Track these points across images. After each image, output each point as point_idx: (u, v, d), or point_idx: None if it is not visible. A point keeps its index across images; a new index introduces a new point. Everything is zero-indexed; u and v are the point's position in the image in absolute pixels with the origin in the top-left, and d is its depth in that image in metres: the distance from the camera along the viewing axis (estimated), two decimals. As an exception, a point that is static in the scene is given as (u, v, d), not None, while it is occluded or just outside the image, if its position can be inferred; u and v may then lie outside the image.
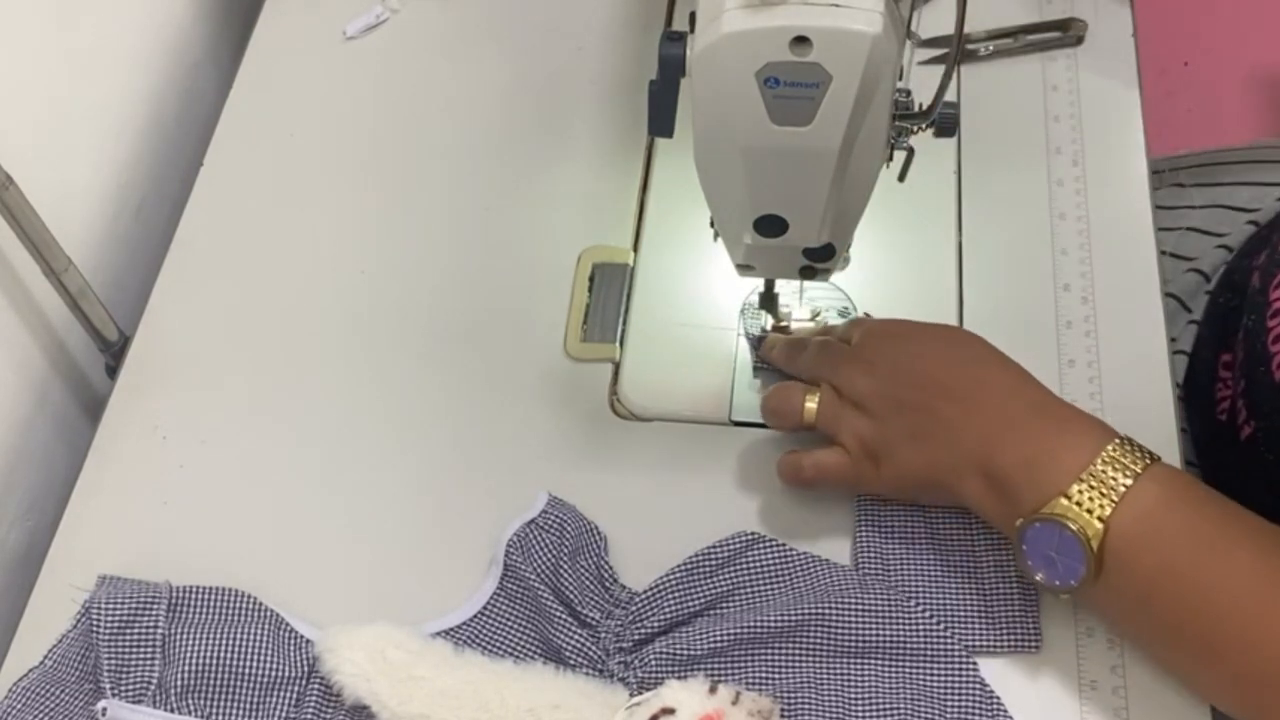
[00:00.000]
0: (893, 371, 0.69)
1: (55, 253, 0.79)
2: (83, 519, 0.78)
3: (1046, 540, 0.63)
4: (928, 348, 0.70)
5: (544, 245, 0.86)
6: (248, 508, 0.77)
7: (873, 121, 0.60)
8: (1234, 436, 0.77)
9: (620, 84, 0.93)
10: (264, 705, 0.69)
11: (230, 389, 0.82)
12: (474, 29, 0.97)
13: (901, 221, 0.83)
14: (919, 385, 0.68)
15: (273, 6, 0.99)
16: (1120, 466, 0.63)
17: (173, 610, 0.71)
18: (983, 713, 0.67)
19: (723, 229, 0.69)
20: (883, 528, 0.73)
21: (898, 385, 0.69)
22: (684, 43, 0.60)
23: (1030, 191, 0.85)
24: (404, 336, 0.83)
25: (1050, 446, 0.65)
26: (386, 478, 0.78)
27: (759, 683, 0.68)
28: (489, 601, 0.72)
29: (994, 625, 0.69)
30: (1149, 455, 0.64)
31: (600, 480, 0.76)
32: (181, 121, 0.99)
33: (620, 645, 0.69)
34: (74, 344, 0.88)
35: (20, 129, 0.80)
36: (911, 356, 0.70)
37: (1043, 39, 0.91)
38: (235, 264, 0.87)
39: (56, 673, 0.71)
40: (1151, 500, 0.62)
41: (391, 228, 0.88)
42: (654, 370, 0.81)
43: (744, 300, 0.82)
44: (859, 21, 0.55)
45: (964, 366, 0.69)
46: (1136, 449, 0.64)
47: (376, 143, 0.92)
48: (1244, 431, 0.76)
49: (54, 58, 0.85)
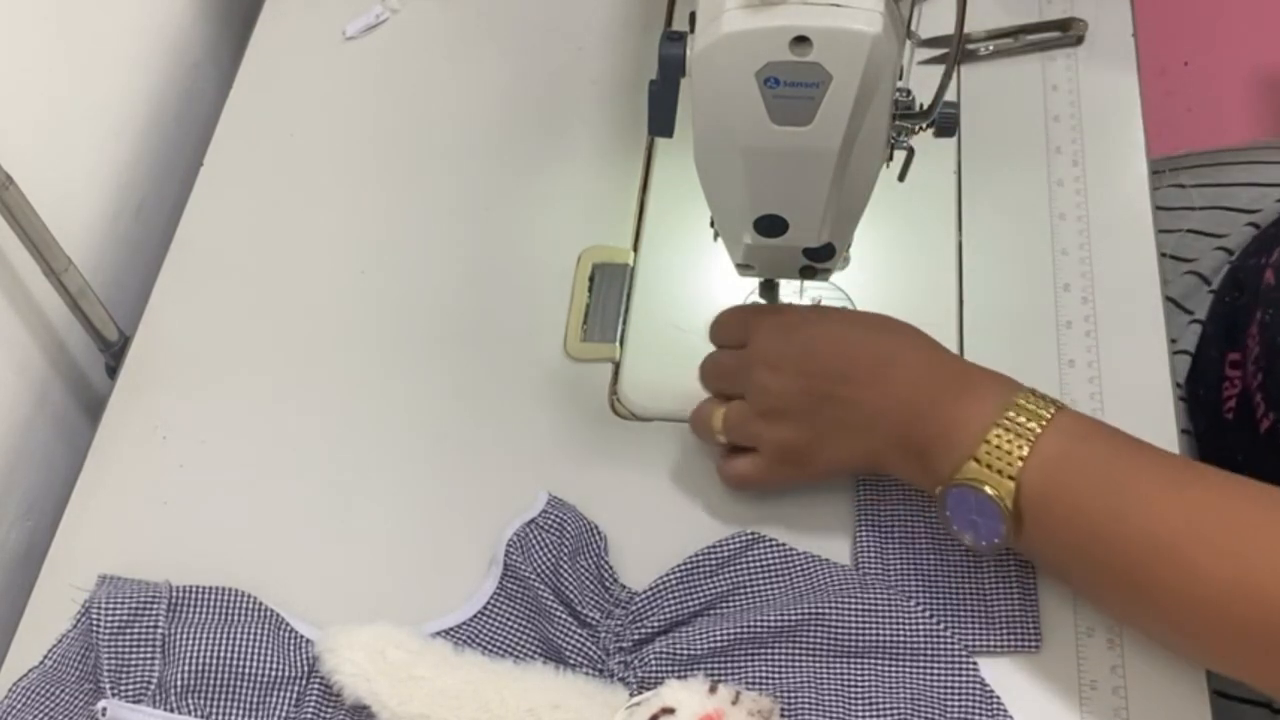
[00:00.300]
0: (797, 369, 0.69)
1: (55, 253, 0.79)
2: (83, 519, 0.78)
3: (965, 504, 0.65)
4: (827, 333, 0.70)
5: (544, 245, 0.86)
6: (248, 508, 0.77)
7: (873, 121, 0.60)
8: (1250, 431, 0.77)
9: (620, 84, 0.93)
10: (264, 705, 0.69)
11: (230, 389, 0.82)
12: (474, 29, 0.97)
13: (901, 221, 0.83)
14: (826, 375, 0.69)
15: (273, 6, 0.99)
16: (1023, 422, 0.63)
17: (173, 610, 0.71)
18: (983, 713, 0.67)
19: (723, 229, 0.69)
20: (883, 528, 0.73)
21: (806, 380, 0.69)
22: (684, 43, 0.60)
23: (1030, 191, 0.85)
24: (404, 336, 0.83)
25: (958, 414, 0.65)
26: (386, 477, 0.78)
27: (759, 683, 0.68)
28: (489, 601, 0.72)
29: (994, 625, 0.69)
30: (1054, 405, 0.64)
31: (600, 480, 0.76)
32: (181, 121, 0.99)
33: (620, 645, 0.69)
34: (74, 344, 0.88)
35: (20, 129, 0.80)
36: (813, 348, 0.69)
37: (1043, 39, 0.91)
38: (235, 264, 0.87)
39: (56, 673, 0.71)
40: (1054, 450, 0.63)
41: (391, 228, 0.88)
42: (654, 370, 0.81)
43: (744, 300, 0.82)
44: (859, 21, 0.55)
45: (866, 346, 0.69)
46: (1040, 400, 0.64)
47: (376, 143, 0.92)
48: (1264, 424, 0.77)
49: (54, 58, 0.85)
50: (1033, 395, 0.65)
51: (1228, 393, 0.81)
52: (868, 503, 0.74)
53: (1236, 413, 0.80)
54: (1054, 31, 0.91)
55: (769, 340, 0.70)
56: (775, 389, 0.70)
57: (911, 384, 0.67)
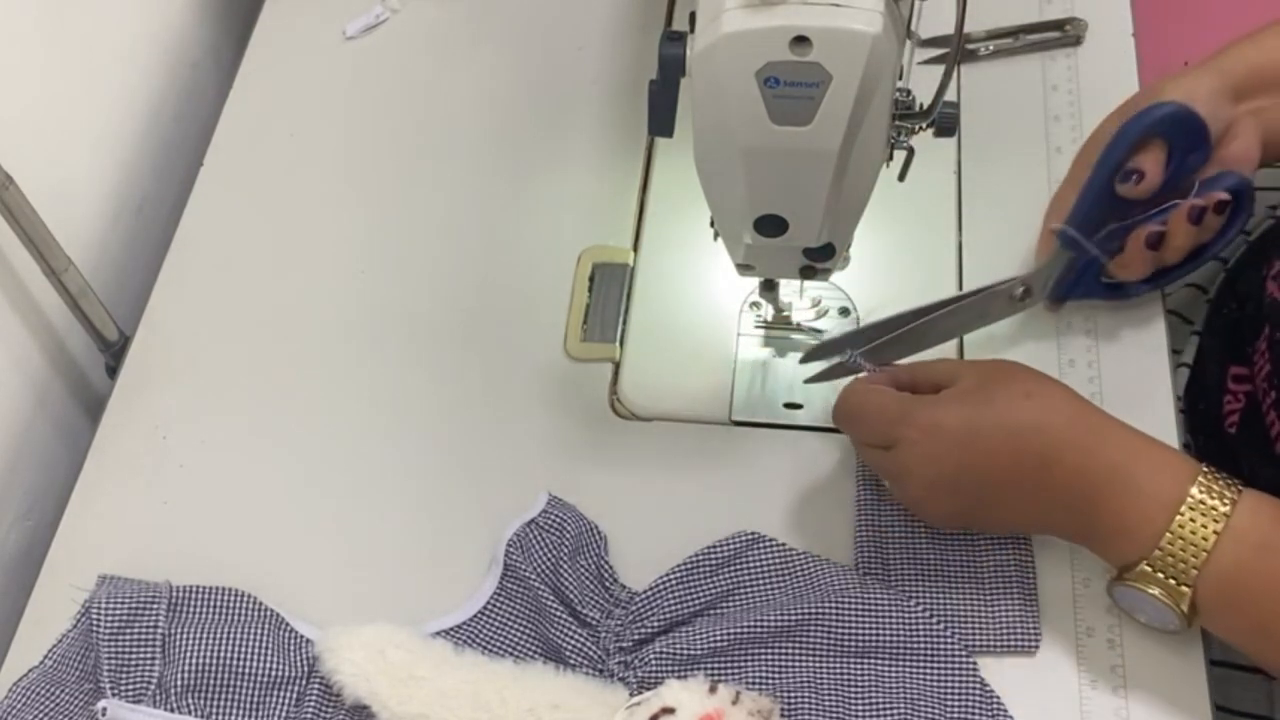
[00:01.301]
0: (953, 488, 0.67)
1: (55, 253, 0.79)
2: (83, 519, 0.78)
3: (1135, 598, 0.65)
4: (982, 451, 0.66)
5: (544, 245, 0.86)
6: (248, 507, 0.77)
7: (873, 121, 0.60)
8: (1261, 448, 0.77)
9: (620, 84, 0.93)
10: (264, 705, 0.69)
11: (230, 389, 0.82)
12: (474, 29, 0.97)
13: (901, 221, 0.83)
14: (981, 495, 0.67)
15: (273, 6, 0.99)
16: (1195, 532, 0.62)
17: (173, 610, 0.71)
18: (983, 713, 0.67)
19: (723, 229, 0.69)
20: (883, 528, 0.73)
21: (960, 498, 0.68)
22: (684, 43, 0.60)
23: (1030, 191, 0.85)
24: (404, 336, 0.83)
25: (1123, 520, 0.64)
26: (386, 478, 0.78)
27: (759, 683, 0.68)
28: (489, 601, 0.72)
29: (994, 625, 0.69)
30: (1228, 496, 0.63)
31: (600, 480, 0.76)
32: (181, 121, 0.99)
33: (620, 645, 0.69)
34: (74, 344, 0.88)
35: (20, 129, 0.80)
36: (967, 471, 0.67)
37: (1043, 38, 0.91)
38: (235, 264, 0.87)
39: (56, 672, 0.71)
40: (1230, 560, 0.62)
41: (391, 228, 0.88)
42: (654, 370, 0.81)
43: (745, 299, 0.82)
44: (859, 21, 0.55)
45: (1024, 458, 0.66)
46: (1213, 489, 0.63)
47: (376, 143, 0.92)
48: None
49: (54, 58, 0.85)
50: (1205, 482, 0.63)
51: (1230, 406, 0.81)
52: (868, 503, 0.73)
53: (1241, 428, 0.79)
54: (1054, 31, 0.91)
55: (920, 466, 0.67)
56: (930, 508, 0.70)
57: (1071, 489, 0.65)
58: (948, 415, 0.66)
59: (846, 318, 0.81)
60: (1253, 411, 0.78)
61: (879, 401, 0.69)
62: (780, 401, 0.79)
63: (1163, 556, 0.63)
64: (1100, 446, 0.65)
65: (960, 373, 0.69)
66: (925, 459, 0.67)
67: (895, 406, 0.68)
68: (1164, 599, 0.63)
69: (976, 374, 0.68)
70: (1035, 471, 0.65)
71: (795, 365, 0.80)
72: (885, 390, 0.70)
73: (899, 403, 0.68)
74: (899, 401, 0.68)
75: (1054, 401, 0.67)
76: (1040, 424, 0.66)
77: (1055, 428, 0.65)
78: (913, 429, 0.67)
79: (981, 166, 0.87)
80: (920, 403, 0.68)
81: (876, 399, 0.69)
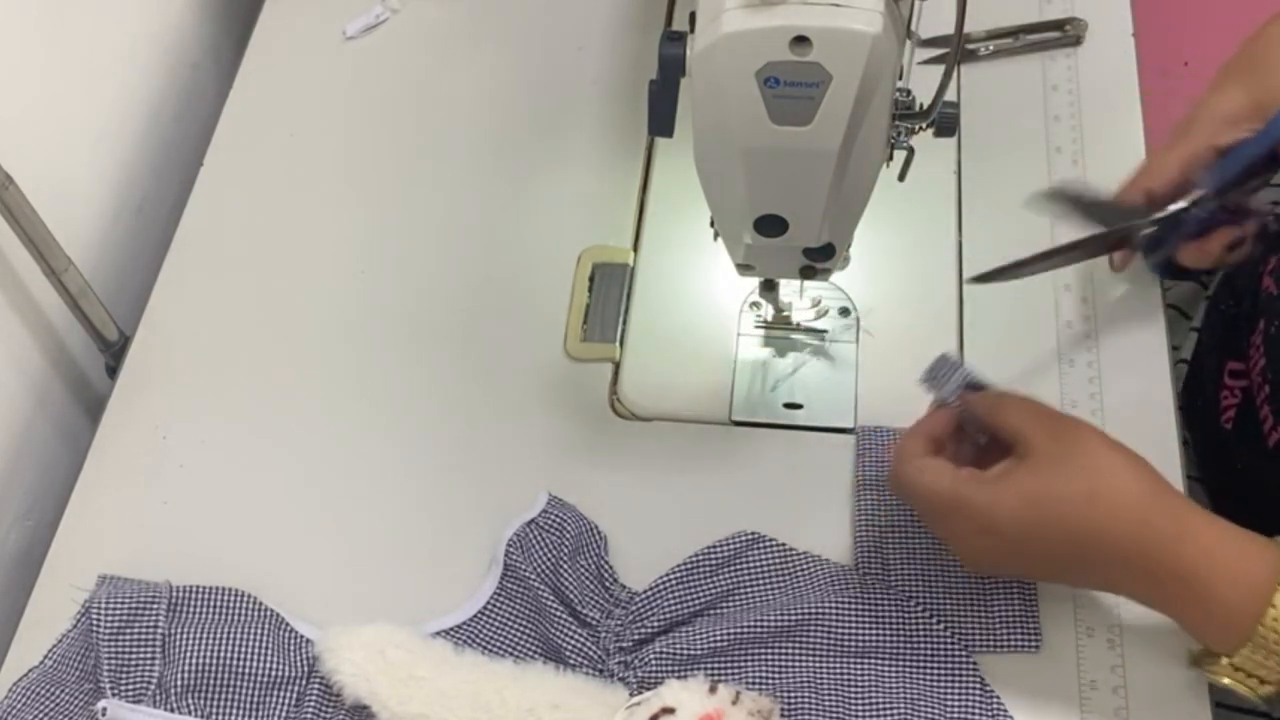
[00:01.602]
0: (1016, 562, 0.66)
1: (55, 253, 0.79)
2: (83, 519, 0.78)
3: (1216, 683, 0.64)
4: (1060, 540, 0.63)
5: (544, 245, 0.86)
6: (248, 508, 0.77)
7: (873, 121, 0.60)
8: (1254, 443, 0.77)
9: (620, 84, 0.93)
10: (264, 705, 0.69)
11: (230, 389, 0.82)
12: (474, 29, 0.97)
13: (901, 221, 0.83)
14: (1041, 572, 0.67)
15: (273, 6, 0.99)
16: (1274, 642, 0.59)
17: (173, 610, 0.71)
18: (983, 713, 0.67)
19: (723, 229, 0.69)
20: (883, 528, 0.73)
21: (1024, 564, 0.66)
22: (684, 43, 0.60)
23: (1030, 191, 0.84)
24: (404, 336, 0.83)
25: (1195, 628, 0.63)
26: (387, 478, 0.78)
27: (759, 683, 0.68)
28: (489, 601, 0.72)
29: (994, 625, 0.69)
30: None
31: (600, 480, 0.76)
32: (181, 121, 0.99)
33: (620, 645, 0.69)
34: (74, 344, 0.88)
35: (20, 129, 0.80)
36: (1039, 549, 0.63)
37: (1042, 39, 0.91)
38: (235, 264, 0.87)
39: (56, 672, 0.71)
40: None
41: (391, 228, 0.88)
42: (654, 370, 0.81)
43: (745, 299, 0.82)
44: (859, 21, 0.55)
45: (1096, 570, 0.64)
46: None
47: (376, 143, 0.92)
48: (1272, 438, 0.76)
49: (54, 58, 0.85)
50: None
51: (1227, 402, 0.81)
52: (868, 503, 0.73)
53: (1237, 423, 0.80)
54: (1054, 31, 0.91)
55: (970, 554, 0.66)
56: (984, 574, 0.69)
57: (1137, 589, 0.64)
58: (1003, 515, 0.63)
59: (846, 318, 0.81)
60: (1248, 407, 0.79)
61: (932, 486, 0.65)
62: (780, 401, 0.79)
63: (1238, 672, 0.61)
64: (1167, 556, 0.61)
65: (1029, 440, 0.64)
66: (976, 551, 0.65)
67: (948, 494, 0.64)
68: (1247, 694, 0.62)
69: (1043, 450, 0.63)
70: (1102, 569, 0.63)
71: (795, 365, 0.80)
72: (940, 471, 0.65)
73: (952, 487, 0.64)
74: (952, 486, 0.64)
75: (1120, 502, 0.62)
76: (1103, 534, 0.62)
77: (1120, 539, 0.61)
78: (964, 525, 0.64)
79: (981, 166, 0.87)
80: (975, 494, 0.63)
81: (929, 482, 0.65)
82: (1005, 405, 0.66)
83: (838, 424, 0.78)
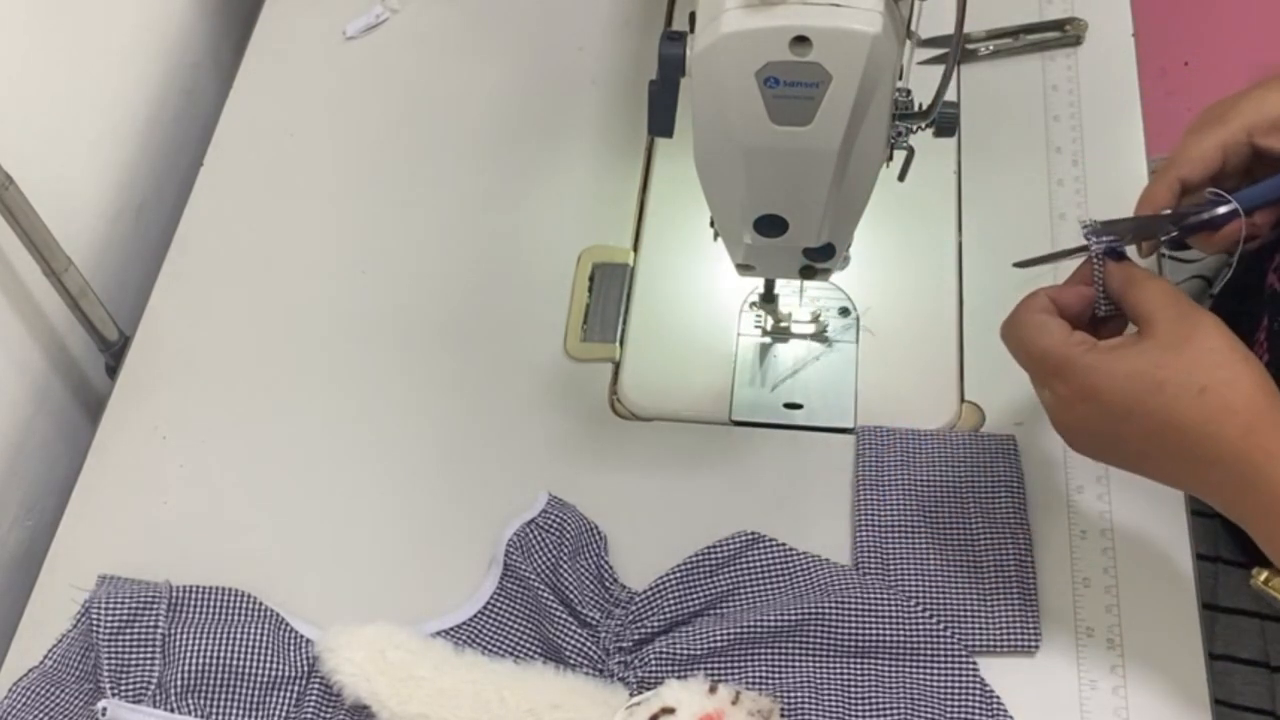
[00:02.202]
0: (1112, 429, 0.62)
1: (55, 253, 0.79)
2: (83, 519, 0.78)
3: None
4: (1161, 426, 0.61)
5: (544, 245, 0.86)
6: (248, 508, 0.77)
7: (873, 121, 0.60)
8: None
9: (620, 84, 0.93)
10: (264, 705, 0.69)
11: (230, 389, 0.82)
12: (474, 29, 0.97)
13: (901, 221, 0.83)
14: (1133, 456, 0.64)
15: (273, 6, 0.99)
16: None
17: (173, 610, 0.71)
18: (983, 713, 0.67)
19: (723, 229, 0.69)
20: (883, 528, 0.73)
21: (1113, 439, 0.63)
22: (684, 43, 0.60)
23: (1030, 191, 0.85)
24: (404, 336, 0.83)
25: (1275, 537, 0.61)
26: (386, 477, 0.78)
27: (759, 682, 0.68)
28: (489, 601, 0.72)
29: (994, 625, 0.69)
30: None
31: (600, 480, 0.76)
32: (181, 121, 0.99)
33: (620, 645, 0.69)
34: (74, 344, 0.88)
35: (20, 129, 0.80)
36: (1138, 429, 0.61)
37: (1043, 39, 0.91)
38: (235, 264, 0.87)
39: (56, 673, 0.71)
40: None
41: (391, 228, 0.88)
42: (654, 370, 0.81)
43: (745, 299, 0.82)
44: (859, 21, 0.55)
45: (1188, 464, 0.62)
46: None
47: (376, 143, 0.92)
48: None
49: (54, 58, 0.85)
50: None
51: None
52: (868, 503, 0.74)
53: None
54: (1054, 31, 0.91)
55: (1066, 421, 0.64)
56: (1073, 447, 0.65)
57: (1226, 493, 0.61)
58: (1108, 384, 0.61)
59: (846, 317, 0.81)
60: None
61: (1041, 344, 0.63)
62: (780, 401, 0.79)
63: None
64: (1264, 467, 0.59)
65: (1153, 319, 0.62)
66: (1073, 419, 0.63)
67: (1057, 354, 0.62)
68: None
69: (1165, 332, 0.61)
70: (1191, 465, 0.61)
71: (795, 365, 0.80)
72: (1055, 328, 0.63)
73: (1063, 346, 0.62)
74: (1062, 348, 0.62)
75: (1230, 403, 0.59)
76: (1205, 430, 0.60)
77: (1220, 439, 0.59)
78: (1066, 387, 0.62)
79: (981, 166, 0.87)
80: (1083, 356, 0.62)
81: (1040, 340, 0.63)
82: (1141, 279, 0.64)
83: (838, 424, 0.78)
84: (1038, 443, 0.76)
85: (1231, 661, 0.76)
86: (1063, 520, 0.73)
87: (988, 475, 0.74)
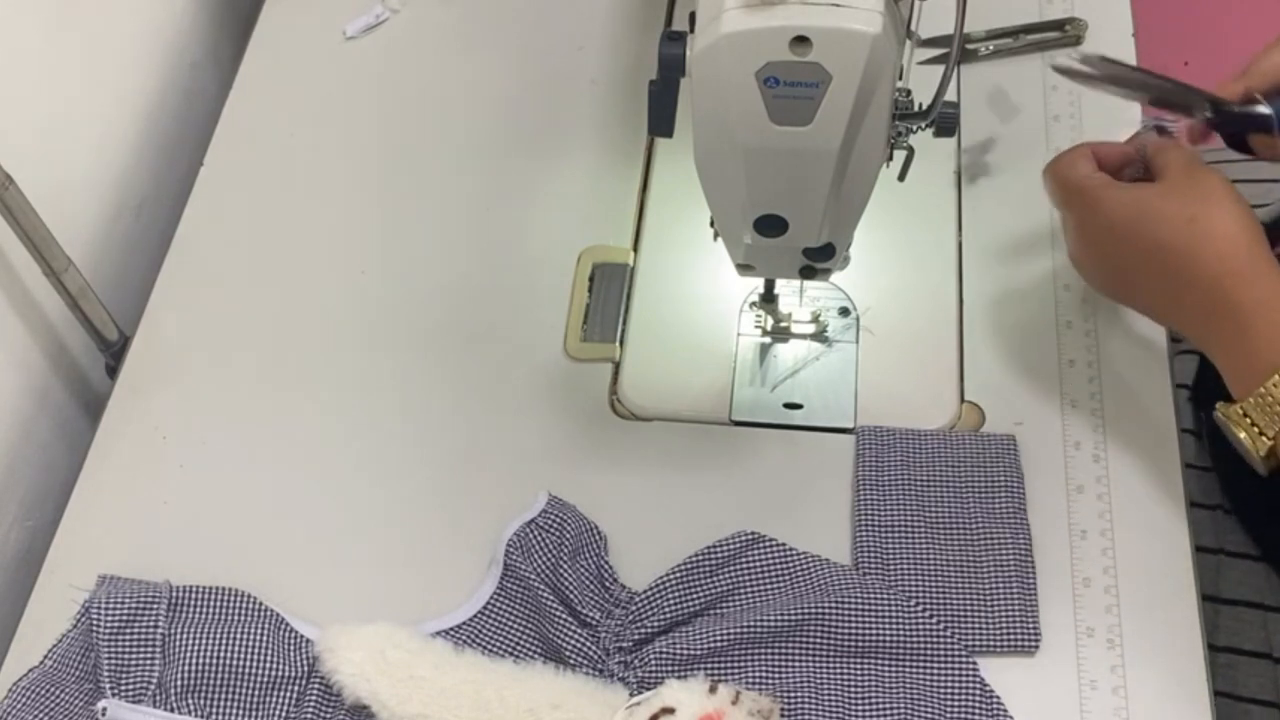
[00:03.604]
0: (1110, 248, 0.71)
1: (55, 253, 0.79)
2: (83, 519, 0.78)
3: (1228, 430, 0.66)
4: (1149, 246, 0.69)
5: (544, 245, 0.86)
6: (248, 508, 0.77)
7: (873, 121, 0.60)
8: None
9: (620, 84, 0.93)
10: (264, 705, 0.69)
11: (230, 389, 0.82)
12: (474, 29, 0.97)
13: (901, 221, 0.83)
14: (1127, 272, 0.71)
15: (273, 6, 0.99)
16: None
17: (173, 610, 0.71)
18: (983, 713, 0.67)
19: (723, 229, 0.69)
20: (883, 527, 0.73)
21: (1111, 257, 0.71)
22: (684, 43, 0.60)
23: (1030, 191, 0.84)
24: (404, 337, 0.83)
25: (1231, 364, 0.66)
26: (386, 478, 0.78)
27: (759, 683, 0.68)
28: (489, 601, 0.72)
29: (994, 625, 0.69)
30: None
31: (600, 480, 0.76)
32: (181, 121, 0.99)
33: (620, 645, 0.69)
34: (74, 344, 0.88)
35: (20, 129, 0.80)
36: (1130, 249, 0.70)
37: (1043, 39, 0.91)
38: (235, 264, 0.87)
39: (56, 673, 0.71)
40: None
41: (391, 228, 0.88)
42: (654, 370, 0.81)
43: (745, 299, 0.82)
44: (859, 21, 0.55)
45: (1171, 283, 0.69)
46: None
47: (376, 143, 0.92)
48: None
49: (54, 58, 0.85)
50: None
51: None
52: (868, 503, 0.74)
53: None
54: (1054, 31, 0.91)
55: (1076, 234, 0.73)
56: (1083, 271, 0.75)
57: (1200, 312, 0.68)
58: (1115, 209, 0.70)
59: (846, 317, 0.81)
60: None
61: (1068, 175, 0.73)
62: (780, 401, 0.79)
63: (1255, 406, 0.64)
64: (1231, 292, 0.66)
65: (1167, 170, 0.70)
66: (1083, 244, 0.73)
67: (1078, 181, 0.72)
68: (1248, 444, 0.65)
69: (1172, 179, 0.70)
70: (1173, 287, 0.68)
71: (795, 365, 0.80)
72: (1084, 167, 0.72)
73: (1084, 179, 0.72)
74: (1086, 176, 0.72)
75: (1215, 232, 0.67)
76: (1188, 253, 0.67)
77: (1201, 260, 0.67)
78: (1081, 210, 0.72)
79: (981, 166, 0.87)
80: (1100, 186, 0.71)
81: (1068, 172, 0.73)
82: (1170, 146, 0.73)
83: (838, 424, 0.78)
84: (1038, 443, 0.76)
85: (1235, 654, 0.76)
86: (1063, 520, 0.73)
87: (988, 475, 0.74)
